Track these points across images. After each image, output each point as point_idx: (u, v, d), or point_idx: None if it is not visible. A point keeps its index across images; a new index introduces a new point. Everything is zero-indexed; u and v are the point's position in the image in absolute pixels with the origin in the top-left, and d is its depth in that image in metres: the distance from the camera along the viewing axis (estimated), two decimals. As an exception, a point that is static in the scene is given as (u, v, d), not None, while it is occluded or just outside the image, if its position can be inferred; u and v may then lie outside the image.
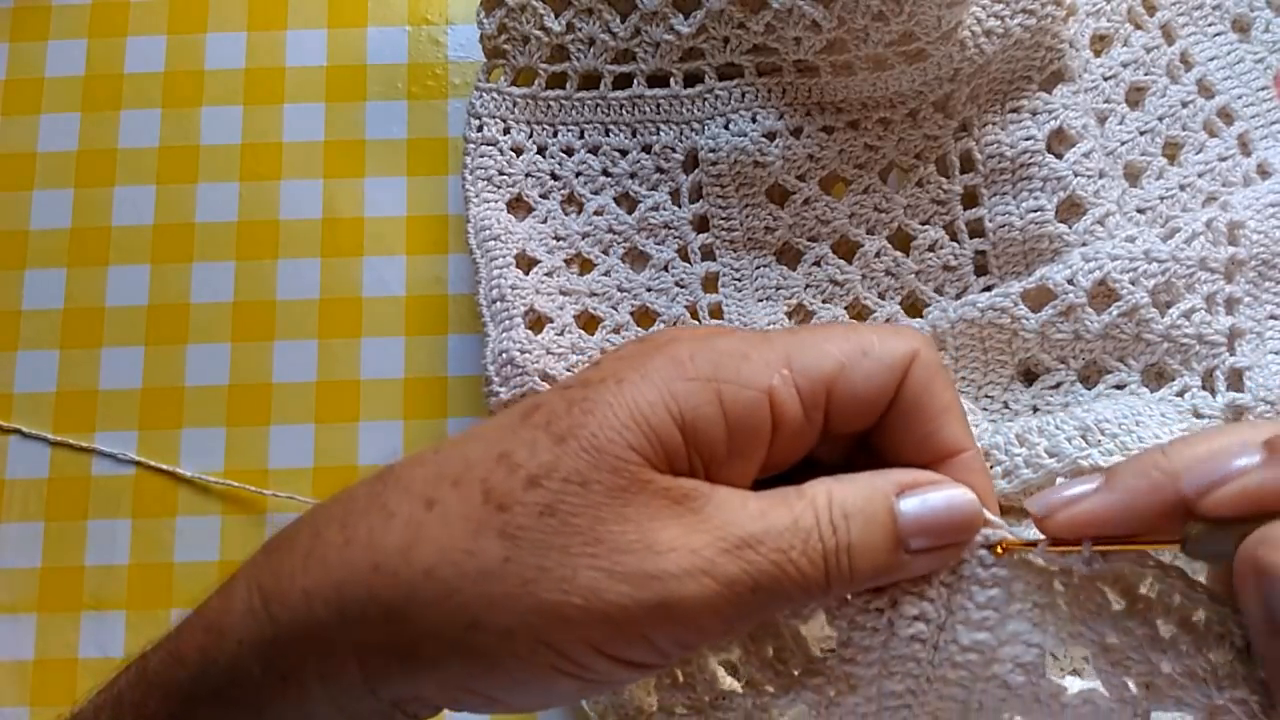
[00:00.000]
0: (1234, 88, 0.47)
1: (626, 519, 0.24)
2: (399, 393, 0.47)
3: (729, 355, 0.26)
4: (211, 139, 0.50)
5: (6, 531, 0.46)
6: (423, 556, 0.24)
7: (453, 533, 0.24)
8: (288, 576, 0.26)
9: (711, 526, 0.25)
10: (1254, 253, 0.42)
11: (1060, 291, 0.41)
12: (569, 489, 0.24)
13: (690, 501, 0.25)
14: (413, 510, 0.25)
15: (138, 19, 0.51)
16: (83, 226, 0.49)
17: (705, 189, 0.46)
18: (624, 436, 0.25)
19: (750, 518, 0.25)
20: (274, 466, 0.46)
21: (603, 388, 0.26)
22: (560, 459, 0.25)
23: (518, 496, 0.24)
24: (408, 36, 0.51)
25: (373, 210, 0.49)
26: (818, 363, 0.26)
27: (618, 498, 0.24)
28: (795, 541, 0.25)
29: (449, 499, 0.25)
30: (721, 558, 0.24)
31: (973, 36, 0.44)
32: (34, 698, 0.44)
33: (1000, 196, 0.45)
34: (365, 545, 0.25)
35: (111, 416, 0.47)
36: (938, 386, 0.27)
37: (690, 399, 0.25)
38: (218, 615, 0.27)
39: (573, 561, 0.24)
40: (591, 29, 0.46)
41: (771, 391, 0.26)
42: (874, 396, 0.27)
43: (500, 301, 0.44)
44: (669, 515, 0.25)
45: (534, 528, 0.24)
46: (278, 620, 0.26)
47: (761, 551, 0.25)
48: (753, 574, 0.24)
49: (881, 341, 0.27)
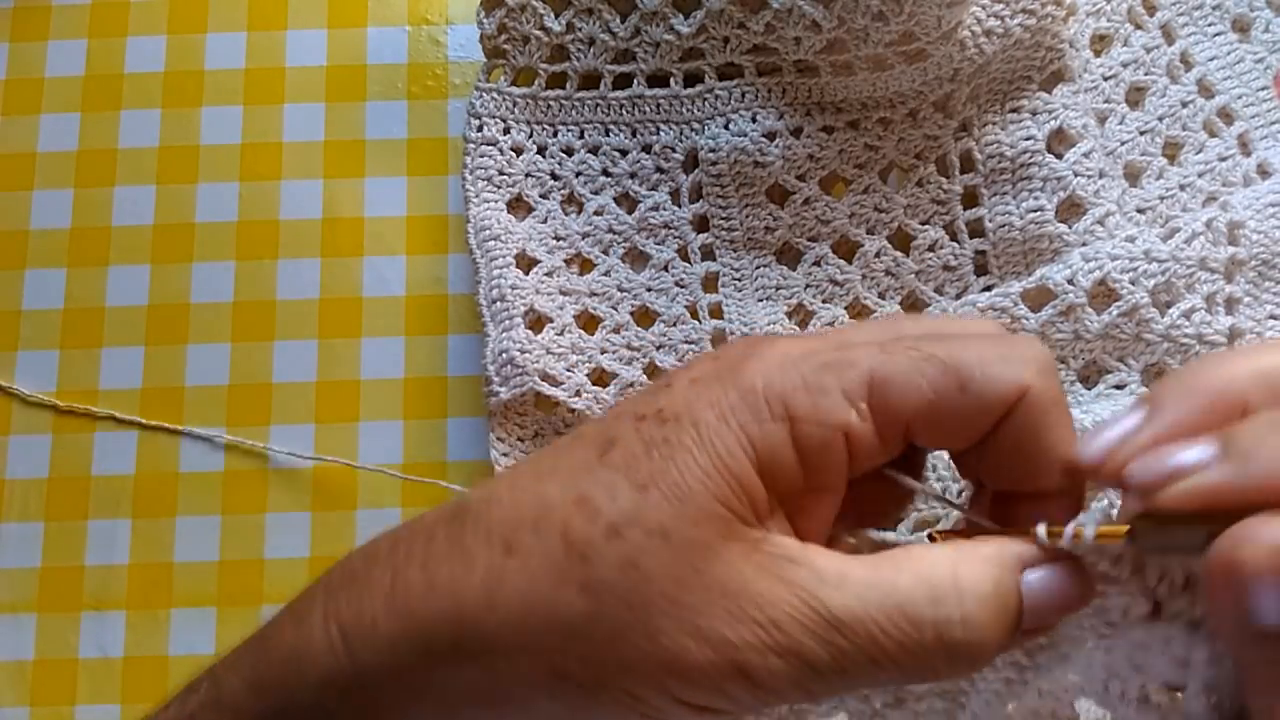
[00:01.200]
0: (1234, 88, 0.47)
1: (710, 578, 0.23)
2: (399, 393, 0.47)
3: (804, 386, 0.24)
4: (211, 139, 0.50)
5: (6, 531, 0.46)
6: (507, 606, 0.24)
7: (535, 583, 0.24)
8: (369, 616, 0.25)
9: (799, 600, 0.23)
10: (1254, 253, 0.42)
11: (1060, 291, 0.41)
12: (651, 543, 0.24)
13: (780, 566, 0.24)
14: (491, 555, 0.25)
15: (138, 19, 0.51)
16: (83, 226, 0.49)
17: (705, 189, 0.46)
18: (706, 486, 0.24)
19: (845, 594, 0.23)
20: (274, 466, 0.46)
21: (680, 428, 0.25)
22: (642, 508, 0.24)
23: (599, 547, 0.24)
24: (408, 36, 0.51)
25: (373, 210, 0.49)
26: (902, 398, 0.24)
27: (701, 553, 0.24)
28: (894, 631, 0.23)
29: (529, 545, 0.24)
30: (805, 638, 0.23)
31: (973, 36, 0.44)
32: (34, 698, 0.44)
33: (1000, 196, 0.45)
34: (448, 592, 0.25)
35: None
36: (1047, 428, 0.24)
37: (766, 442, 0.24)
38: (297, 648, 0.26)
39: (656, 621, 0.23)
40: (591, 29, 0.46)
41: (848, 429, 0.24)
42: (965, 432, 0.25)
43: (500, 301, 0.44)
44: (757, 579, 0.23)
45: (617, 582, 0.23)
46: (359, 662, 0.25)
47: (850, 637, 0.23)
48: (839, 661, 0.23)
49: (986, 371, 0.24)
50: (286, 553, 0.45)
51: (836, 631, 0.23)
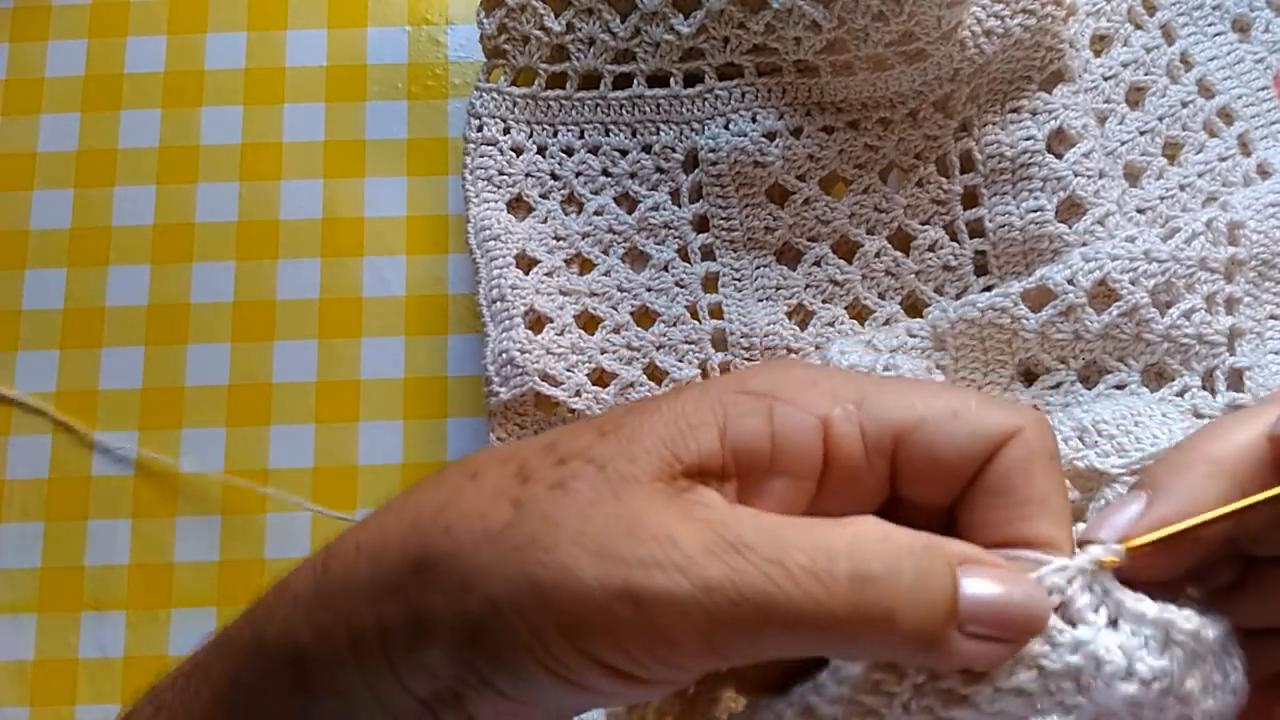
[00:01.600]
0: (1234, 88, 0.47)
1: (624, 505, 0.23)
2: (399, 393, 0.47)
3: (796, 379, 0.25)
4: (211, 139, 0.50)
5: (6, 531, 0.46)
6: (448, 516, 0.25)
7: (479, 499, 0.25)
8: (349, 534, 0.26)
9: (706, 524, 0.22)
10: (1254, 253, 0.42)
11: (1060, 291, 0.41)
12: (586, 469, 0.24)
13: (698, 508, 0.23)
14: (459, 479, 0.26)
15: (138, 19, 0.51)
16: (83, 226, 0.49)
17: (705, 189, 0.46)
18: (658, 430, 0.24)
19: (756, 525, 0.22)
20: (274, 466, 0.46)
21: (662, 397, 0.26)
22: (594, 445, 0.25)
23: (541, 472, 0.24)
24: (408, 36, 0.51)
25: (373, 210, 0.49)
26: (892, 409, 0.24)
27: (626, 485, 0.23)
28: (802, 557, 0.22)
29: (490, 472, 0.25)
30: (703, 556, 0.22)
31: (973, 36, 0.44)
32: (34, 698, 0.44)
33: (1000, 196, 0.45)
34: (413, 506, 0.26)
35: (111, 416, 0.47)
36: (1037, 472, 0.24)
37: (737, 406, 0.24)
38: (290, 576, 0.27)
39: (559, 534, 0.23)
40: (591, 29, 0.46)
41: (828, 421, 0.24)
42: (953, 462, 0.24)
43: (500, 301, 0.44)
44: (668, 507, 0.23)
45: (540, 498, 0.24)
46: (329, 573, 0.26)
47: (751, 558, 0.22)
48: (736, 581, 0.21)
49: (980, 409, 0.24)
50: (287, 553, 0.45)
51: (737, 553, 0.22)
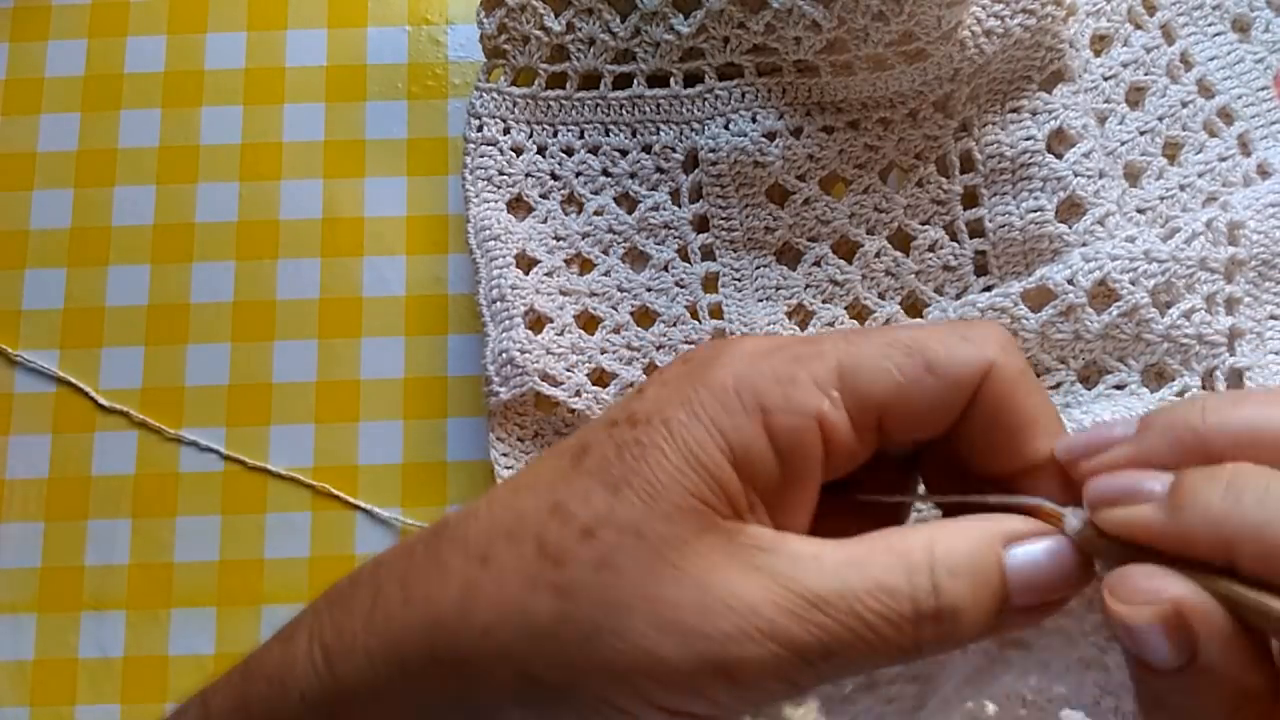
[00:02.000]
0: (1234, 88, 0.47)
1: (684, 572, 0.23)
2: (399, 393, 0.47)
3: (775, 379, 0.24)
4: (211, 139, 0.50)
5: (6, 531, 0.46)
6: (480, 615, 0.24)
7: (507, 590, 0.24)
8: (349, 634, 0.25)
9: (776, 584, 0.23)
10: (1254, 253, 0.42)
11: (1060, 291, 0.41)
12: (624, 540, 0.23)
13: (754, 554, 0.23)
14: (468, 567, 0.25)
15: (138, 19, 0.51)
16: (83, 226, 0.49)
17: (705, 189, 0.46)
18: (679, 482, 0.24)
19: (823, 574, 0.23)
20: (274, 466, 0.46)
21: (651, 429, 0.24)
22: (615, 509, 0.24)
23: (572, 550, 0.23)
24: (408, 36, 0.51)
25: (373, 210, 0.49)
26: (871, 383, 0.24)
27: (675, 548, 0.23)
28: (874, 604, 0.22)
29: (503, 554, 0.24)
30: (784, 619, 0.22)
31: (973, 36, 0.44)
32: (34, 698, 0.44)
33: (1000, 196, 0.45)
34: (423, 603, 0.25)
35: (111, 416, 0.47)
36: (1019, 398, 0.25)
37: (740, 433, 0.24)
38: (281, 668, 0.26)
39: (628, 618, 0.23)
40: (591, 29, 0.46)
41: (821, 417, 0.24)
42: (937, 415, 0.25)
43: (500, 301, 0.44)
44: (731, 568, 0.23)
45: (589, 582, 0.23)
46: (340, 678, 0.25)
47: (833, 614, 0.22)
48: (822, 640, 0.22)
49: (950, 351, 0.25)
50: (286, 553, 0.45)
51: (817, 610, 0.22)
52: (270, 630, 0.29)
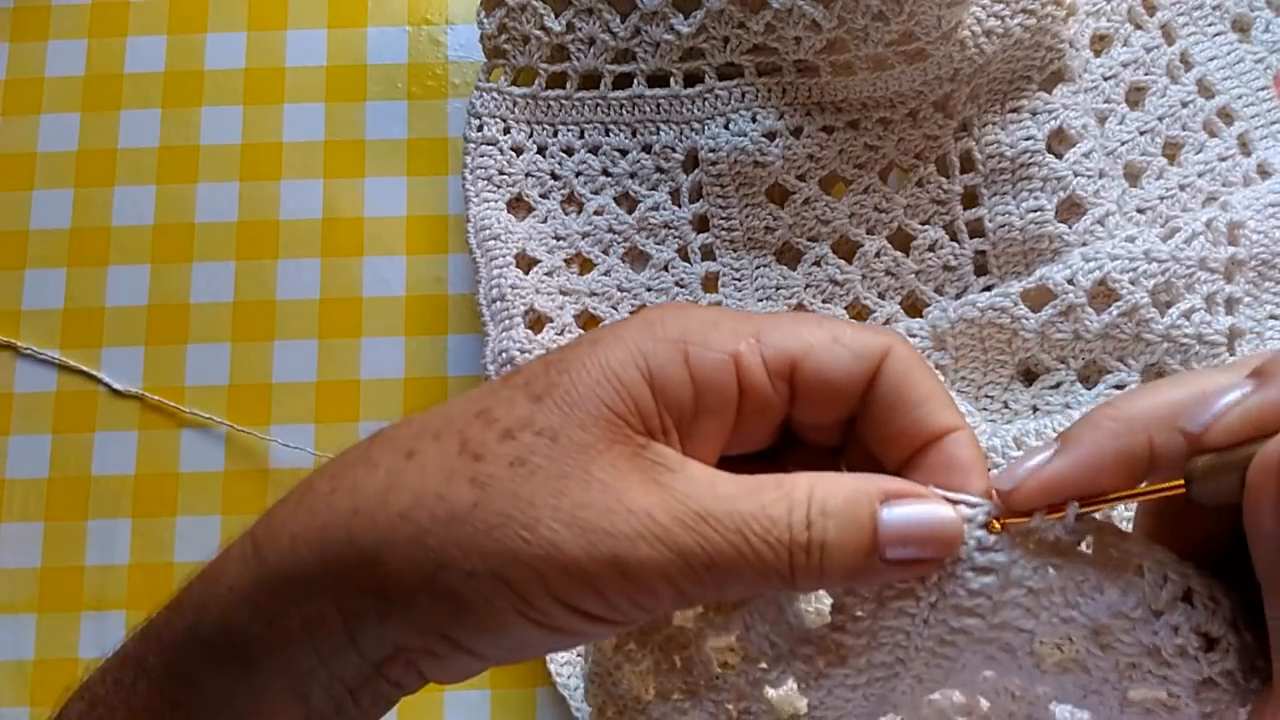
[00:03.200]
0: (1234, 88, 0.47)
1: (592, 475, 0.25)
2: (399, 393, 0.47)
3: (699, 322, 0.27)
4: (211, 139, 0.50)
5: (6, 531, 0.46)
6: (398, 500, 0.25)
7: (427, 479, 0.25)
8: (278, 524, 0.27)
9: (674, 496, 0.25)
10: (1254, 253, 0.42)
11: (1060, 291, 0.41)
12: (540, 442, 0.25)
13: (658, 470, 0.26)
14: (394, 460, 0.26)
15: (138, 19, 0.51)
16: (83, 226, 0.49)
17: (705, 189, 0.46)
18: (595, 393, 0.26)
19: (715, 496, 0.25)
20: (274, 466, 0.46)
21: (578, 349, 0.27)
22: (535, 414, 0.26)
23: (491, 447, 0.25)
24: (408, 36, 0.51)
25: (373, 210, 0.49)
26: (786, 340, 0.27)
27: (586, 453, 0.25)
28: (756, 526, 0.25)
29: (428, 449, 0.26)
30: (677, 527, 0.25)
31: (973, 36, 0.44)
32: (34, 698, 0.44)
33: (1000, 196, 0.45)
34: (349, 492, 0.26)
35: (112, 416, 0.47)
36: (915, 376, 0.27)
37: (658, 357, 0.26)
38: (214, 566, 0.28)
39: (535, 511, 0.25)
40: (591, 29, 0.46)
41: (737, 356, 0.27)
42: (842, 380, 0.27)
43: (500, 301, 0.44)
44: (635, 479, 0.25)
45: (503, 476, 0.25)
46: (265, 564, 0.26)
47: (719, 529, 0.25)
48: (708, 550, 0.25)
49: (855, 334, 0.27)
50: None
51: (706, 524, 0.25)
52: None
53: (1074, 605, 0.26)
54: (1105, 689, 0.26)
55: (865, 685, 0.27)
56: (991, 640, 0.26)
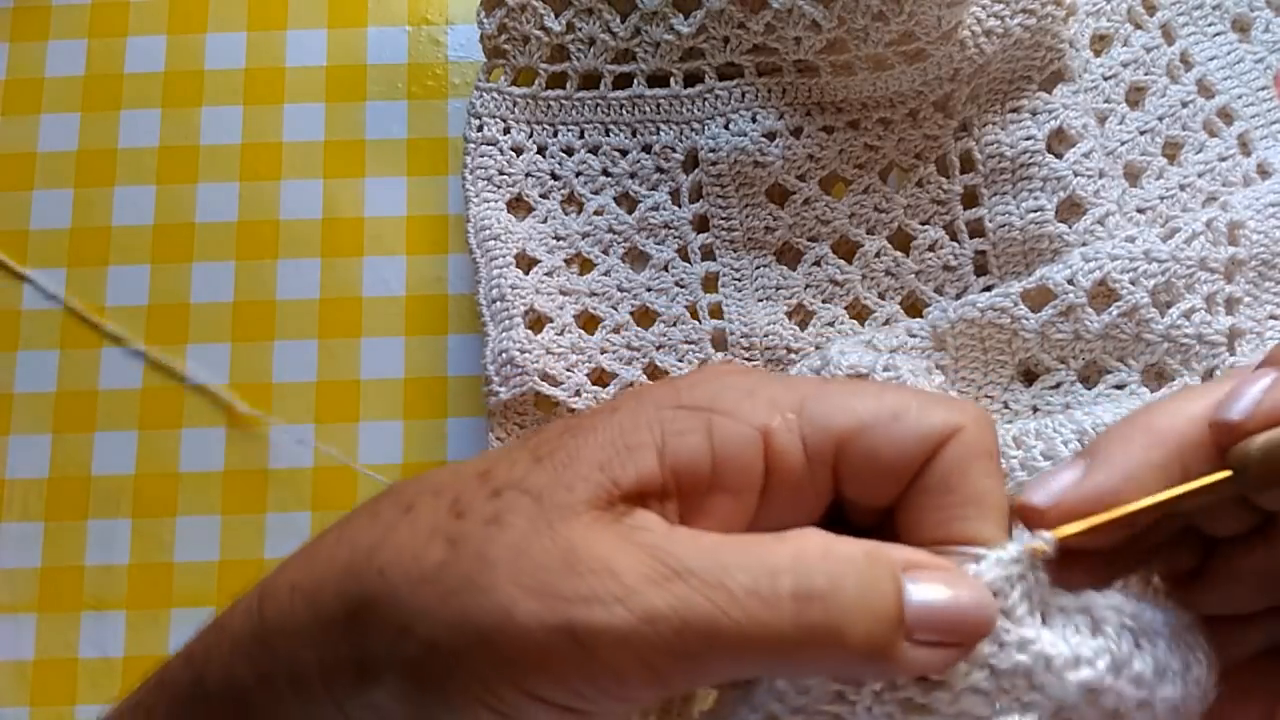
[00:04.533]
0: (1234, 88, 0.47)
1: (560, 536, 0.22)
2: (399, 393, 0.47)
3: (733, 390, 0.24)
4: (211, 139, 0.50)
5: (6, 531, 0.46)
6: (381, 556, 0.24)
7: (415, 536, 0.24)
8: (283, 574, 0.26)
9: (645, 553, 0.21)
10: (1254, 253, 0.42)
11: (1060, 291, 0.41)
12: (521, 501, 0.23)
13: (637, 534, 0.22)
14: (393, 514, 0.25)
15: (138, 19, 0.51)
16: (83, 226, 0.49)
17: (705, 189, 0.46)
18: (595, 457, 0.23)
19: (696, 548, 0.22)
20: (274, 466, 0.46)
21: (600, 412, 0.25)
22: (529, 474, 0.23)
23: (475, 506, 0.23)
24: (408, 36, 0.51)
25: (373, 210, 0.49)
26: (833, 415, 0.24)
27: (562, 515, 0.22)
28: (745, 578, 0.21)
29: (424, 505, 0.24)
30: (644, 585, 0.21)
31: (973, 36, 0.44)
32: (34, 698, 0.44)
33: (1000, 196, 0.45)
34: (348, 546, 0.25)
35: (112, 416, 0.47)
36: (977, 472, 0.23)
37: (676, 423, 0.23)
38: (225, 616, 0.27)
39: (495, 573, 0.22)
40: (591, 29, 0.46)
41: (768, 432, 0.23)
42: (895, 464, 0.23)
43: (500, 301, 0.44)
44: (607, 538, 0.22)
45: (475, 536, 0.23)
46: (264, 617, 0.25)
47: (695, 584, 0.21)
48: (680, 610, 0.20)
49: (921, 409, 0.24)
50: (287, 552, 0.45)
51: (679, 578, 0.21)
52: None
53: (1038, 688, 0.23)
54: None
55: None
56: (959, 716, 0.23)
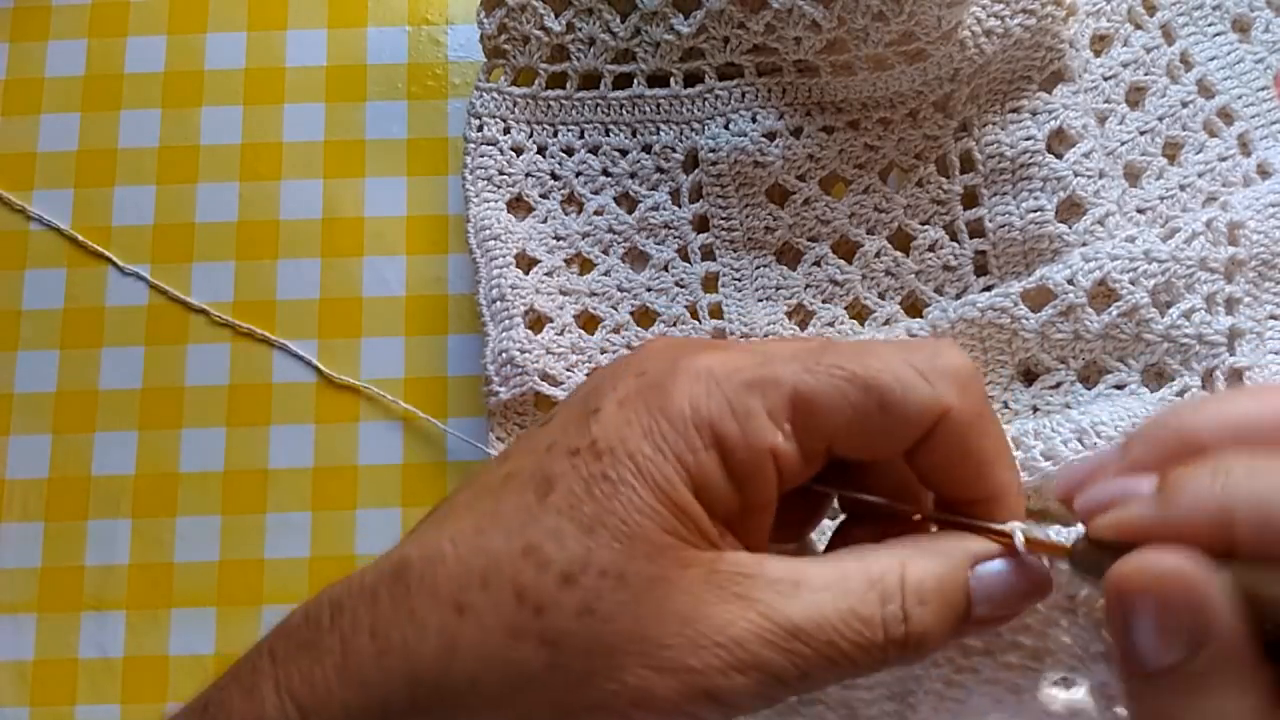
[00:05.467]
0: (1234, 88, 0.47)
1: (668, 611, 0.24)
2: (399, 393, 0.47)
3: (732, 413, 0.25)
4: (211, 139, 0.50)
5: (6, 531, 0.46)
6: (464, 667, 0.24)
7: (490, 641, 0.24)
8: (323, 688, 0.25)
9: (758, 613, 0.24)
10: (1254, 253, 0.42)
11: (1060, 291, 0.41)
12: (606, 584, 0.24)
13: (735, 583, 0.24)
14: (443, 618, 0.24)
15: (138, 19, 0.52)
16: (82, 227, 0.49)
17: (705, 189, 0.46)
18: (653, 521, 0.24)
19: (801, 603, 0.24)
20: (274, 466, 0.46)
21: (618, 463, 0.25)
22: (592, 552, 0.24)
23: (553, 596, 0.24)
24: (408, 36, 0.51)
25: (373, 210, 0.49)
26: (824, 417, 0.25)
27: (658, 587, 0.24)
28: (849, 633, 0.24)
29: (480, 603, 0.24)
30: (767, 651, 0.24)
31: (973, 36, 0.44)
32: (34, 698, 0.44)
33: (1000, 196, 0.45)
34: (401, 657, 0.24)
35: (113, 416, 0.47)
36: (973, 441, 0.25)
37: (701, 470, 0.25)
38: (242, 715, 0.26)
39: (619, 660, 0.23)
40: (591, 29, 0.46)
41: (774, 450, 0.25)
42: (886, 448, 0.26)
43: (500, 301, 0.44)
44: (714, 600, 0.24)
45: (575, 630, 0.24)
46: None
47: (811, 644, 0.24)
48: (801, 666, 0.24)
49: (906, 391, 0.25)
50: (286, 553, 0.45)
51: (796, 640, 0.24)
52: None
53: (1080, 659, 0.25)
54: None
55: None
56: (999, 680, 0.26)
